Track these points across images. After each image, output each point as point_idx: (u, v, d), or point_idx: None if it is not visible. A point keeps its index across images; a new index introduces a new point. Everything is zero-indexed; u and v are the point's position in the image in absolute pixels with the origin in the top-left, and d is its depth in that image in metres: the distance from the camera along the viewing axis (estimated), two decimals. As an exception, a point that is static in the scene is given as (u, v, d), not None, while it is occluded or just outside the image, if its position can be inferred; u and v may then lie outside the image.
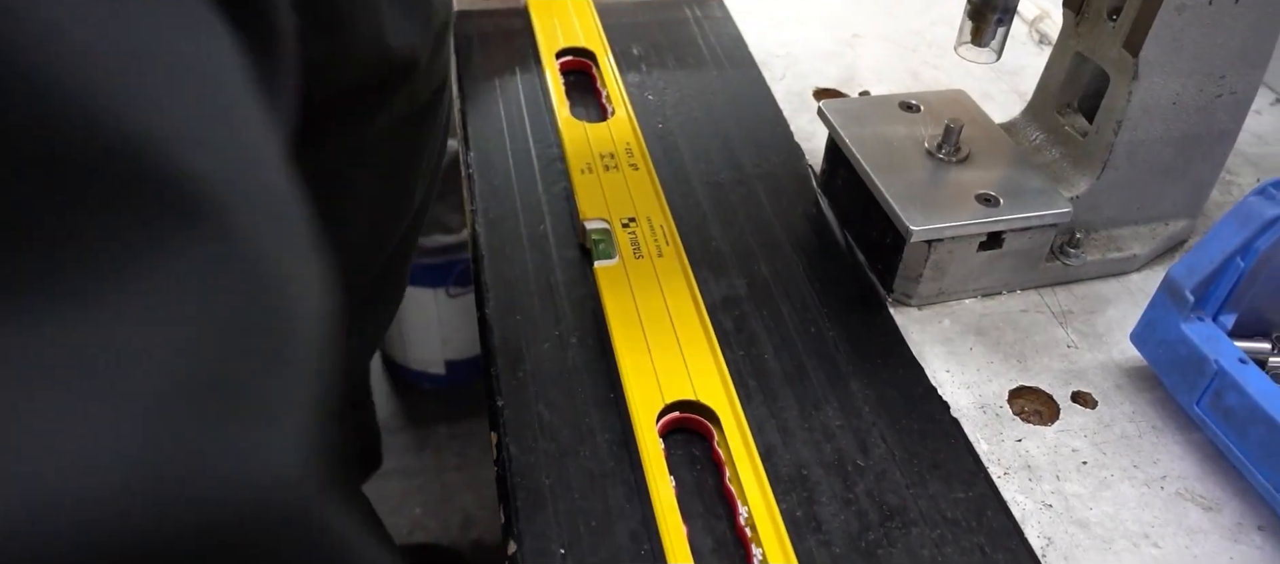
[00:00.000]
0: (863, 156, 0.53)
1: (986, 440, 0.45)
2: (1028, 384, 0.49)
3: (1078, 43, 0.53)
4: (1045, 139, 0.57)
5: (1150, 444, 0.46)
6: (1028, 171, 0.53)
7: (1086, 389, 0.48)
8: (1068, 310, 0.53)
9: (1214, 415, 0.43)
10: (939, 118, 0.55)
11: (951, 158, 0.53)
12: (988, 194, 0.51)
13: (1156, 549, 0.41)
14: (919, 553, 0.40)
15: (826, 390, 0.47)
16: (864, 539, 0.40)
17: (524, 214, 0.57)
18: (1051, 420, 0.47)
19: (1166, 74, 0.49)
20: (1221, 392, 0.42)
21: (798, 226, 0.57)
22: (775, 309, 0.51)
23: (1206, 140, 0.53)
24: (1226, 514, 0.43)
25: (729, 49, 0.75)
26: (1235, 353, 0.43)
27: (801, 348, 0.49)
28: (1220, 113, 0.52)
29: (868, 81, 0.73)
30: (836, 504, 0.42)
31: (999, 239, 0.51)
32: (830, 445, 0.44)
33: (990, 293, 0.54)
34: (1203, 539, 0.42)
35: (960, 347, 0.50)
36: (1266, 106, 0.73)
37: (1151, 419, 0.47)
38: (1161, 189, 0.55)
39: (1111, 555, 0.41)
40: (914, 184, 0.51)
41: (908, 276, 0.52)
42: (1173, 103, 0.50)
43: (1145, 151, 0.52)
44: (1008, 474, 0.44)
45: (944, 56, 0.76)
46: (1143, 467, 0.45)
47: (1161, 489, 0.44)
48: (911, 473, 0.43)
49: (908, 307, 0.52)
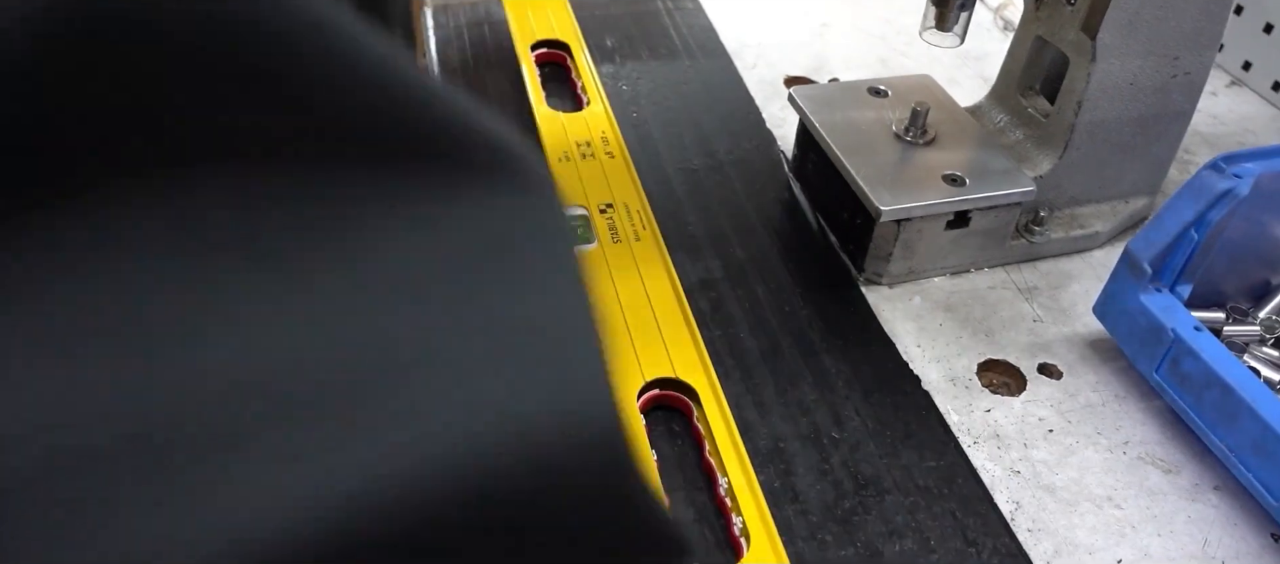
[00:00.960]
0: (833, 140, 0.54)
1: (957, 412, 0.47)
2: (996, 357, 0.50)
3: (1038, 27, 0.55)
4: (1009, 121, 0.58)
5: (1113, 412, 0.48)
6: (993, 152, 0.54)
7: (1052, 361, 0.50)
8: (1033, 286, 0.55)
9: (1172, 381, 0.45)
10: (906, 102, 0.56)
11: (919, 140, 0.55)
12: (954, 174, 0.52)
13: (1119, 510, 0.43)
14: (893, 519, 0.42)
15: (801, 367, 0.48)
16: (840, 507, 0.42)
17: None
18: (1019, 391, 0.48)
19: (1123, 56, 0.51)
20: (1178, 359, 0.44)
21: (771, 210, 0.59)
22: (750, 290, 0.53)
23: (1163, 120, 0.55)
24: (1185, 476, 0.45)
25: (701, 39, 0.76)
26: (1191, 321, 0.45)
27: (776, 327, 0.51)
28: (1175, 93, 0.54)
29: (837, 69, 0.74)
30: (813, 475, 0.43)
31: (966, 218, 0.52)
32: (806, 419, 0.46)
33: (958, 271, 0.55)
34: (1162, 500, 0.44)
35: (930, 323, 0.52)
36: (1222, 88, 0.75)
37: (1114, 388, 0.49)
38: (1121, 168, 0.57)
39: (1077, 516, 0.42)
40: (883, 166, 0.53)
41: (878, 256, 0.53)
42: (1130, 83, 0.52)
43: (1105, 131, 0.54)
44: (977, 443, 0.45)
45: (912, 44, 0.78)
46: (1106, 433, 0.46)
47: (1124, 454, 0.46)
48: (884, 444, 0.45)
49: (878, 285, 0.54)
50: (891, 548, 0.40)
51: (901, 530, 0.41)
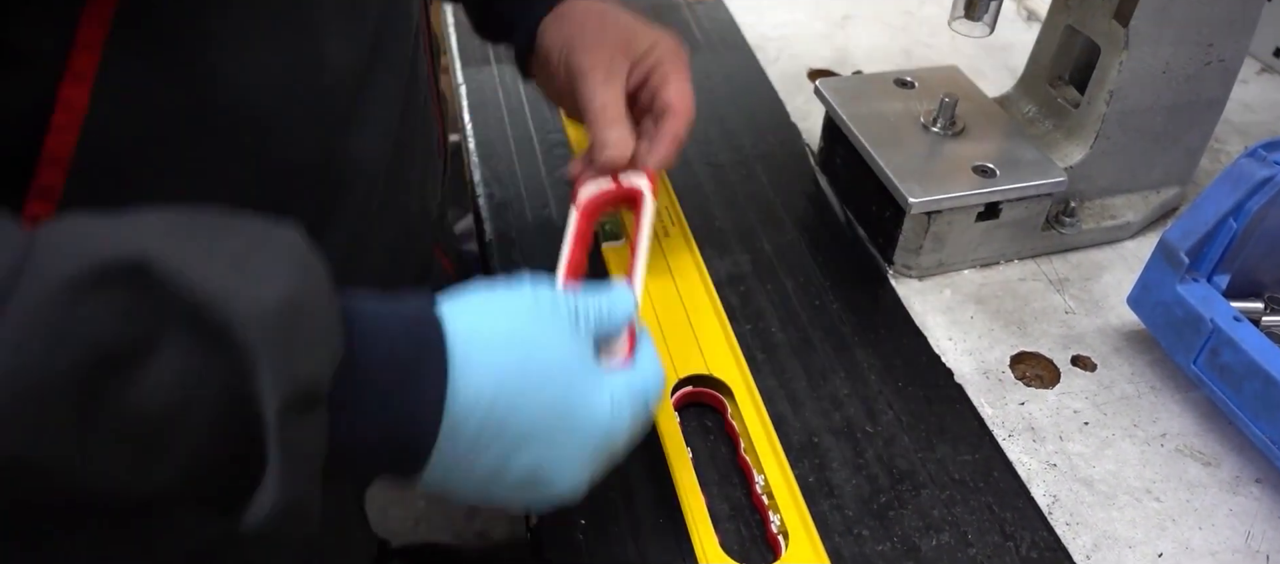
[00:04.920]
0: (860, 133, 0.54)
1: (990, 404, 0.46)
2: (1028, 350, 0.50)
3: (1068, 15, 0.54)
4: (1038, 111, 0.58)
5: (1149, 403, 0.47)
6: (1022, 143, 0.54)
7: (1086, 353, 0.50)
8: (1065, 278, 0.54)
9: (1211, 373, 0.44)
10: (934, 93, 0.56)
11: (947, 131, 0.54)
12: (984, 166, 0.52)
13: (1158, 503, 0.42)
14: (930, 513, 0.41)
15: (833, 361, 0.48)
16: (876, 501, 0.42)
17: (529, 198, 0.57)
18: (1053, 384, 0.48)
19: (1156, 43, 0.50)
20: (1218, 349, 0.44)
21: (798, 204, 0.58)
22: (779, 284, 0.52)
23: (1196, 108, 0.54)
24: (1225, 468, 0.44)
25: (723, 34, 0.75)
26: (1230, 311, 0.44)
27: (807, 321, 0.50)
28: (1209, 80, 0.53)
29: (860, 62, 0.74)
30: (848, 469, 0.43)
31: (996, 209, 0.52)
32: (839, 413, 0.45)
33: (989, 263, 0.55)
34: (1202, 493, 0.43)
35: (961, 315, 0.51)
36: (1253, 75, 0.74)
37: (1150, 379, 0.48)
38: (1153, 157, 0.56)
39: (1115, 510, 0.42)
40: (911, 158, 0.52)
41: (908, 248, 0.53)
42: (1163, 71, 0.52)
43: (1136, 120, 0.53)
44: (1012, 436, 0.45)
45: (935, 35, 0.77)
46: (1143, 425, 0.46)
47: (1161, 446, 0.45)
48: (919, 437, 0.44)
49: (908, 278, 0.53)
50: (929, 543, 0.40)
51: (938, 525, 0.41)
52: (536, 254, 0.53)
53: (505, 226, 0.55)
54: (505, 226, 0.55)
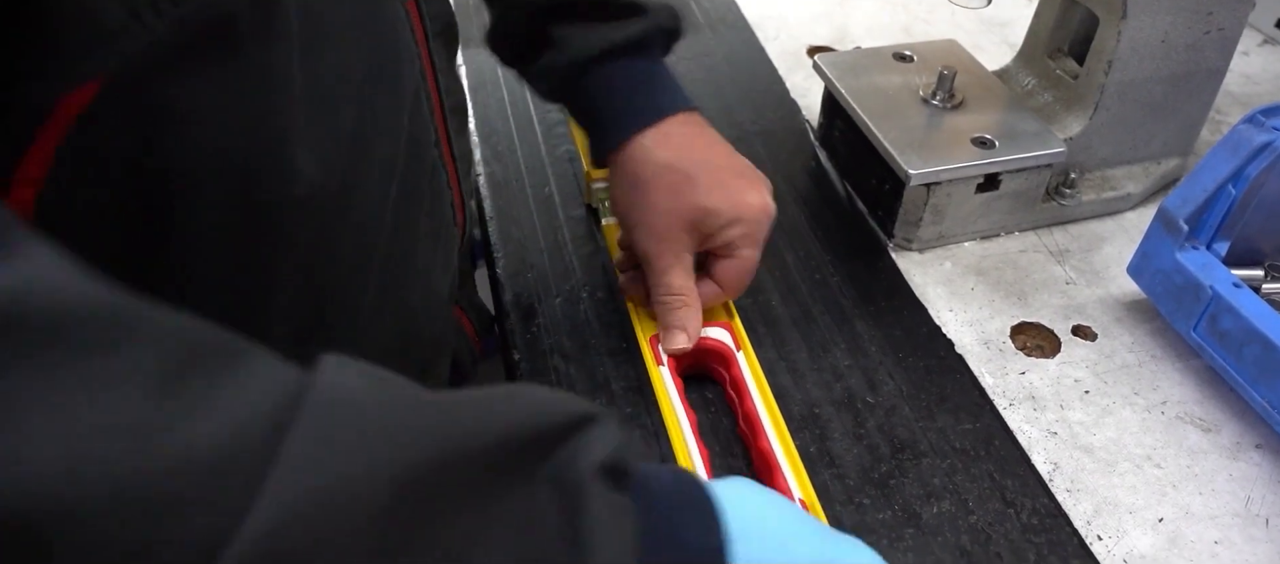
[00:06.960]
0: (859, 106, 0.54)
1: (991, 374, 0.47)
2: (1029, 320, 0.50)
3: (1067, -14, 0.54)
4: (1037, 83, 0.58)
5: (1150, 372, 0.47)
6: (1021, 114, 0.54)
7: (1086, 323, 0.50)
8: (1065, 249, 0.54)
9: (1211, 339, 0.44)
10: (932, 66, 0.56)
11: (946, 104, 0.54)
12: (983, 137, 0.52)
13: (1158, 470, 0.43)
14: (931, 482, 0.41)
15: (834, 333, 0.48)
16: (877, 471, 0.42)
17: (529, 176, 0.57)
18: (1053, 353, 0.48)
19: (1155, 12, 0.50)
20: (1217, 316, 0.44)
21: (798, 179, 0.58)
22: (780, 258, 0.52)
23: (1196, 78, 0.54)
24: (1225, 434, 0.44)
25: (722, 12, 0.75)
26: (1230, 278, 0.44)
27: (807, 294, 0.50)
28: (1209, 50, 0.53)
29: (859, 38, 0.74)
30: (848, 439, 0.43)
31: (995, 180, 0.52)
32: (840, 385, 0.45)
33: (989, 234, 0.55)
34: (1203, 458, 0.43)
35: (962, 287, 0.52)
36: (1254, 47, 0.74)
37: (1150, 348, 0.48)
38: (1152, 128, 0.56)
39: (1116, 476, 0.42)
40: (911, 130, 0.52)
41: (908, 221, 0.53)
42: (1162, 41, 0.51)
43: (1136, 91, 0.53)
44: (1013, 405, 0.45)
45: (933, 11, 0.77)
46: (1143, 393, 0.46)
47: (1162, 413, 0.45)
48: (919, 407, 0.45)
49: (909, 251, 0.54)
50: (929, 510, 0.40)
51: (939, 493, 0.41)
52: (536, 232, 0.53)
53: (506, 204, 0.55)
54: (506, 204, 0.55)
